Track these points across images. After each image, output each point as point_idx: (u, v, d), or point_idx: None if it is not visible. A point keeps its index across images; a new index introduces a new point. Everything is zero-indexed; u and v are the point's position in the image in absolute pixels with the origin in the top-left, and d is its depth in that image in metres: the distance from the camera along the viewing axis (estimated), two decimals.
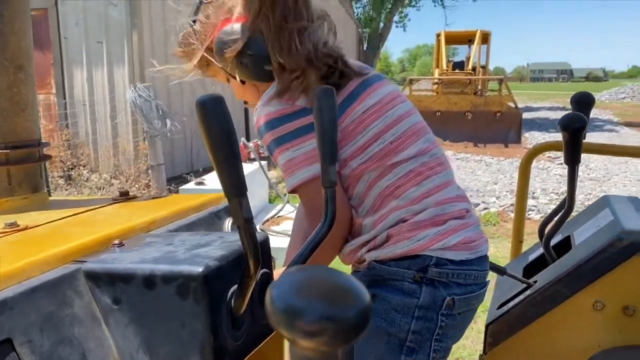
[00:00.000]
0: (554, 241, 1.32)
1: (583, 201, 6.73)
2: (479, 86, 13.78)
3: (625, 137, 13.41)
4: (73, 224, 1.02)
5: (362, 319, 0.31)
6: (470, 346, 2.91)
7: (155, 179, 7.53)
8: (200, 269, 0.73)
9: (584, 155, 1.30)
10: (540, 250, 1.39)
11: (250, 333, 0.83)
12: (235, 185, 0.65)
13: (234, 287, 0.77)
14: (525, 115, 14.32)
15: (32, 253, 0.79)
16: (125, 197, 1.25)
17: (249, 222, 0.67)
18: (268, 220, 4.61)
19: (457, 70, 14.46)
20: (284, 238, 4.48)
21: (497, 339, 1.19)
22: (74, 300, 0.77)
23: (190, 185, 5.41)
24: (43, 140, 1.27)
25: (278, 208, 5.87)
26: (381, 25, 22.58)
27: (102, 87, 7.72)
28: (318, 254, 0.90)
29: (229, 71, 1.16)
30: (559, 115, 21.37)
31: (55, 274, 0.77)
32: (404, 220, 1.08)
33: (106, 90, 7.71)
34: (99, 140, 7.96)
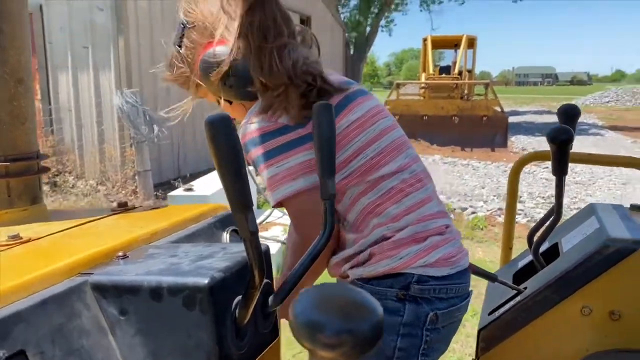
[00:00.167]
0: (542, 248, 1.36)
1: (569, 204, 6.83)
2: (466, 90, 13.92)
3: (610, 141, 13.62)
4: (75, 236, 1.04)
5: (376, 332, 0.35)
6: (459, 350, 2.95)
7: (142, 185, 7.51)
8: (206, 281, 0.75)
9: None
10: (529, 257, 1.43)
11: (253, 342, 0.85)
12: (242, 200, 0.68)
13: (238, 298, 0.80)
14: (511, 119, 14.48)
15: (40, 266, 0.81)
16: (123, 208, 1.26)
17: (255, 235, 0.70)
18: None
19: (444, 75, 14.62)
20: (273, 243, 4.50)
21: (489, 344, 1.23)
22: (82, 312, 0.79)
23: (179, 191, 5.41)
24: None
25: (266, 214, 5.89)
26: (368, 29, 22.72)
27: (88, 93, 7.68)
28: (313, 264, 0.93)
29: (215, 93, 1.19)
30: (544, 119, 21.70)
31: (64, 286, 0.79)
32: (386, 237, 1.11)
33: (92, 96, 7.67)
34: (85, 146, 7.92)
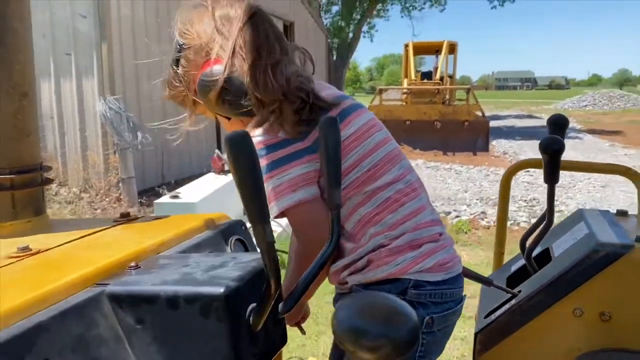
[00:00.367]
0: (534, 253, 1.41)
1: None
2: (447, 96, 14.10)
3: (588, 144, 13.90)
4: (84, 247, 1.06)
5: (413, 336, 0.38)
6: (446, 352, 3.00)
7: (126, 192, 7.47)
8: (222, 290, 0.79)
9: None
10: (521, 262, 1.48)
11: (264, 348, 0.88)
12: (260, 213, 0.71)
13: (252, 306, 0.83)
14: (492, 123, 14.68)
15: (56, 277, 0.83)
16: (126, 219, 1.28)
17: (272, 246, 0.73)
18: None
19: (426, 80, 14.77)
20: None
21: (486, 346, 1.28)
22: (100, 322, 0.81)
23: (165, 198, 5.39)
24: None
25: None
26: (350, 35, 22.87)
27: (71, 100, 7.62)
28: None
29: (213, 110, 1.23)
30: (524, 122, 22.03)
31: (82, 297, 0.81)
32: (383, 245, 1.16)
33: (75, 103, 7.61)
34: (68, 153, 7.85)
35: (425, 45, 16.28)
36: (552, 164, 1.25)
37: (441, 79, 14.52)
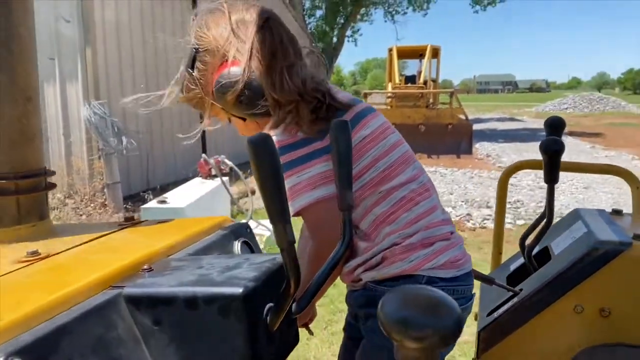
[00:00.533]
0: (533, 252, 1.45)
1: (535, 209, 7.06)
2: (431, 99, 14.21)
3: (570, 146, 14.09)
4: (94, 251, 1.06)
5: (458, 327, 0.41)
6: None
7: (111, 197, 7.41)
8: (241, 290, 0.80)
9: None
10: (520, 261, 1.51)
11: (279, 348, 0.90)
12: (281, 213, 0.72)
13: (269, 305, 0.85)
14: (475, 126, 14.83)
15: (72, 280, 0.84)
16: (131, 223, 1.29)
17: (292, 245, 0.74)
18: None
19: (410, 84, 14.89)
20: None
21: (489, 344, 1.30)
22: (118, 324, 0.82)
23: (152, 203, 5.35)
24: None
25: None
26: (334, 39, 22.96)
27: (55, 105, 7.54)
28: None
29: (230, 111, 1.24)
30: (506, 125, 22.30)
31: (100, 299, 0.82)
32: (397, 243, 1.19)
33: (59, 108, 7.53)
34: (52, 159, 7.75)
35: (409, 50, 16.42)
36: (552, 164, 1.29)
37: (425, 82, 14.64)
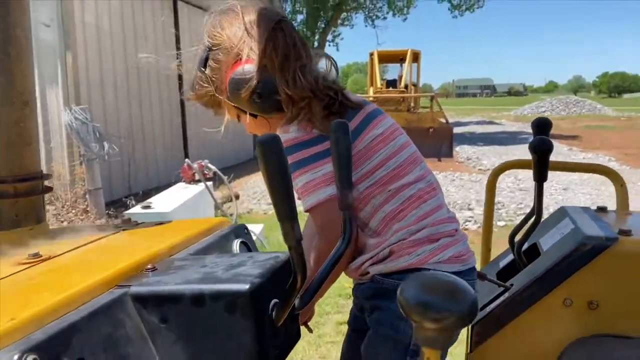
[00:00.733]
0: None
1: (515, 210, 7.17)
2: (412, 103, 14.34)
3: None
4: (95, 252, 1.07)
5: (473, 309, 0.44)
6: None
7: (93, 203, 7.33)
8: (247, 286, 0.82)
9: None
10: (509, 258, 1.56)
11: (284, 343, 0.92)
12: (289, 211, 0.75)
13: (274, 301, 0.87)
14: (455, 129, 14.99)
15: (77, 280, 0.85)
16: (128, 224, 1.30)
17: (299, 243, 0.77)
18: None
19: (391, 88, 15.00)
20: None
21: (482, 338, 1.34)
22: (126, 322, 0.83)
23: (137, 209, 5.32)
24: None
25: None
26: (316, 44, 23.02)
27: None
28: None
29: (245, 107, 1.26)
30: (485, 129, 22.58)
31: (107, 298, 0.83)
32: (404, 239, 1.22)
33: (39, 113, 7.44)
34: None
35: (390, 54, 16.55)
36: (541, 163, 1.34)
37: (406, 86, 14.78)
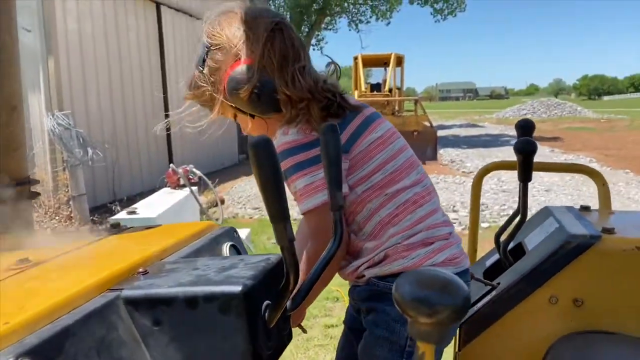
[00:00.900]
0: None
1: (499, 212, 7.24)
2: (396, 107, 14.42)
3: None
4: (85, 256, 1.07)
5: (467, 303, 0.45)
6: None
7: (77, 210, 7.26)
8: (240, 288, 0.82)
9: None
10: (495, 257, 1.58)
11: (276, 344, 0.93)
12: (281, 212, 0.76)
13: (266, 302, 0.87)
14: (439, 132, 15.10)
15: (68, 285, 0.85)
16: (117, 229, 1.30)
17: (292, 243, 0.78)
18: None
19: (375, 92, 15.08)
20: None
21: (470, 337, 1.36)
22: (118, 325, 0.84)
23: (122, 214, 5.27)
24: None
25: None
26: None
27: None
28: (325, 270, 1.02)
29: (242, 108, 1.26)
30: (468, 132, 22.77)
31: (99, 302, 0.83)
32: (399, 243, 1.24)
33: None
34: None
35: (373, 58, 16.63)
36: (526, 164, 1.36)
37: (390, 90, 14.86)
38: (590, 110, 35.21)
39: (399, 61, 15.99)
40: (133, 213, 5.16)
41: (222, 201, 7.93)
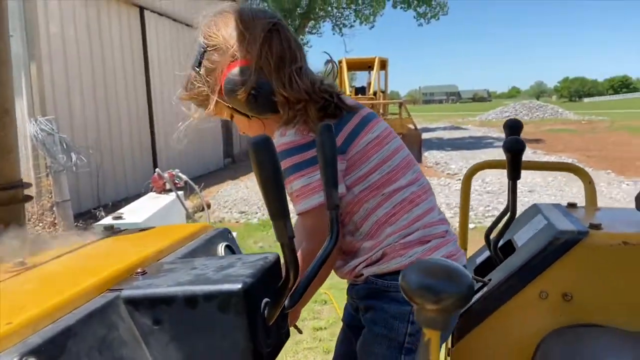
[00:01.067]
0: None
1: (484, 212, 7.31)
2: (381, 110, 14.50)
3: None
4: (81, 258, 1.07)
5: (470, 292, 0.47)
6: None
7: (61, 216, 7.18)
8: (240, 286, 0.83)
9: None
10: (485, 254, 1.61)
11: (275, 341, 0.94)
12: (281, 209, 0.77)
13: (265, 300, 0.88)
14: (423, 135, 15.21)
15: (68, 286, 0.85)
16: (112, 231, 1.30)
17: (292, 240, 0.79)
18: None
19: (360, 95, 15.15)
20: None
21: (462, 333, 1.38)
22: (119, 324, 0.84)
23: (107, 220, 5.22)
24: None
25: None
26: None
27: None
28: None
29: (238, 108, 1.27)
30: (452, 134, 22.97)
31: (99, 302, 0.84)
32: (396, 242, 1.25)
33: None
34: None
35: (358, 61, 16.71)
36: (515, 162, 1.39)
37: (374, 93, 14.94)
38: (572, 112, 35.70)
39: (383, 65, 16.10)
40: (119, 218, 5.11)
41: (209, 205, 7.91)
